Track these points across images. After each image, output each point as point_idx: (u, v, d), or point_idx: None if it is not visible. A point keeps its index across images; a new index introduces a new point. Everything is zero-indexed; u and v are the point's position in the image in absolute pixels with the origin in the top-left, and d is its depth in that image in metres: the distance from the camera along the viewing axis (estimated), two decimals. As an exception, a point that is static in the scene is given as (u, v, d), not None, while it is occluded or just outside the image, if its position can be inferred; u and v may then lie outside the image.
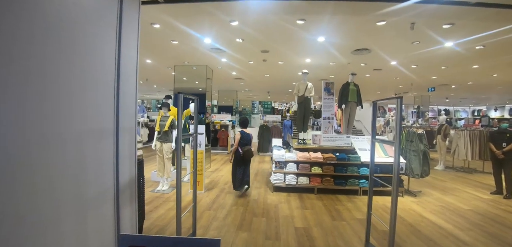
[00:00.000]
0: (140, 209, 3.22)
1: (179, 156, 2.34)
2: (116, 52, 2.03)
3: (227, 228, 3.72)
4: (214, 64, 7.30)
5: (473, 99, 13.95)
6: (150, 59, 6.93)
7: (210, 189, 5.61)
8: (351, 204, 4.83)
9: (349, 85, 6.32)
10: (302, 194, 5.31)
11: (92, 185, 1.84)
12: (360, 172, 5.29)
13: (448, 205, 4.97)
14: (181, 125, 5.94)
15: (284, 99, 19.59)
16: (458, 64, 6.48)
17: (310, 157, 5.39)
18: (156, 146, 5.59)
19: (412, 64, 6.64)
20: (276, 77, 9.06)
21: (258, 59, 6.55)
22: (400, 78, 8.52)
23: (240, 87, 12.47)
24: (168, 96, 6.69)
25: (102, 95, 1.91)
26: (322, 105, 6.40)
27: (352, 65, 6.74)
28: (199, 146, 5.35)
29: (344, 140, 5.79)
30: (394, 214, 2.08)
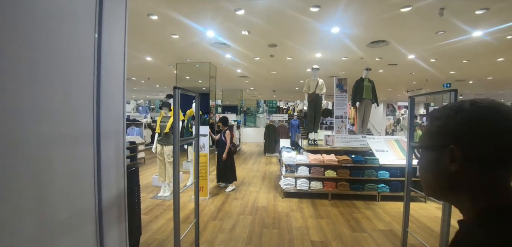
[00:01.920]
0: (135, 224, 2.82)
1: (176, 166, 1.92)
2: (95, 43, 1.61)
3: (235, 243, 3.30)
4: (217, 61, 6.89)
5: (488, 96, 13.28)
6: (151, 56, 6.55)
7: (215, 195, 5.20)
8: (370, 212, 4.36)
9: (364, 81, 5.86)
10: (315, 200, 4.86)
11: (63, 205, 1.43)
12: (379, 176, 4.82)
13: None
14: (179, 126, 5.56)
15: (290, 98, 19.12)
16: (482, 57, 5.94)
17: (323, 159, 4.93)
18: (157, 149, 5.20)
19: (431, 58, 6.12)
20: (283, 74, 8.60)
21: (265, 55, 6.10)
22: (415, 74, 7.99)
23: (245, 86, 12.03)
24: (169, 95, 6.30)
25: (75, 92, 1.49)
26: (335, 103, 5.94)
27: (366, 60, 6.25)
28: (203, 149, 4.94)
29: (359, 141, 5.33)
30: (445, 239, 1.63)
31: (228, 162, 5.38)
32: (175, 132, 1.82)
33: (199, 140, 4.91)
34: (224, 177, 5.48)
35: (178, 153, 1.95)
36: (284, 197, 5.01)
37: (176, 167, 1.93)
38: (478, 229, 0.46)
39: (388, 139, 5.55)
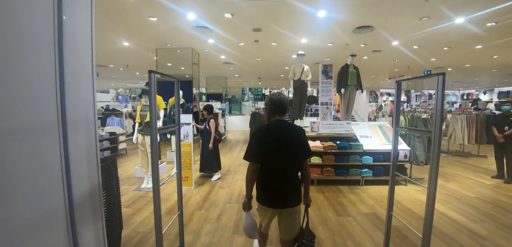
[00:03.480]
0: (116, 219, 2.67)
1: (155, 155, 1.79)
2: (54, 22, 1.41)
3: (221, 232, 3.24)
4: (200, 47, 6.62)
5: (464, 83, 13.94)
6: (128, 41, 6.16)
7: (201, 185, 5.09)
8: (355, 196, 4.46)
9: (349, 67, 5.87)
10: (301, 187, 4.89)
11: (26, 205, 1.27)
12: (363, 161, 4.91)
13: (454, 193, 4.70)
14: (161, 115, 5.34)
15: (276, 85, 19.06)
16: (462, 44, 6.13)
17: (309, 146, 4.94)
18: (138, 139, 4.97)
19: (414, 45, 6.22)
20: (268, 61, 8.46)
21: (250, 40, 5.93)
22: (398, 61, 8.15)
23: (230, 73, 11.79)
24: (149, 82, 6.01)
25: (33, 79, 1.31)
26: (320, 90, 5.93)
27: (351, 46, 6.26)
28: (186, 137, 4.77)
29: (344, 127, 5.38)
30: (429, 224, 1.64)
31: (213, 150, 5.26)
32: (152, 119, 1.68)
33: (183, 129, 4.74)
34: (209, 166, 5.37)
35: (156, 142, 1.82)
36: (270, 184, 4.99)
37: (154, 158, 1.79)
38: (264, 126, 2.04)
39: (372, 125, 5.65)
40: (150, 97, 1.65)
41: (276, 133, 1.92)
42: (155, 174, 1.73)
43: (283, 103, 2.01)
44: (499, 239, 3.11)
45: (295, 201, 1.98)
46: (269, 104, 2.03)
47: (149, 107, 1.63)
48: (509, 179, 5.29)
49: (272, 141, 1.91)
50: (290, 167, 1.95)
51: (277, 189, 1.95)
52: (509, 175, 5.32)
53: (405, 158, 4.94)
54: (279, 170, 1.93)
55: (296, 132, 1.99)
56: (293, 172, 1.97)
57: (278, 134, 1.92)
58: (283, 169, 1.93)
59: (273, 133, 1.93)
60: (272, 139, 1.92)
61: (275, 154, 1.90)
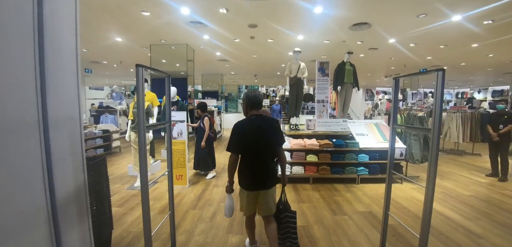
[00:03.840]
0: (105, 219, 2.59)
1: (142, 154, 1.71)
2: (33, 12, 1.33)
3: (215, 231, 3.18)
4: (195, 43, 6.52)
5: (459, 82, 14.03)
6: (120, 36, 6.03)
7: (195, 183, 5.02)
8: (350, 195, 4.43)
9: (345, 65, 5.83)
10: (296, 185, 4.85)
11: (3, 208, 1.19)
12: (359, 159, 4.89)
13: (449, 191, 4.71)
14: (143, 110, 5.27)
15: (272, 83, 19.00)
16: (458, 42, 6.13)
17: (305, 144, 4.90)
18: (130, 137, 4.88)
19: (411, 43, 6.21)
20: (264, 58, 8.39)
21: (245, 36, 5.85)
22: (395, 59, 8.15)
23: (225, 70, 11.68)
24: (144, 79, 5.90)
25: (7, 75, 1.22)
26: (316, 87, 5.88)
27: (348, 44, 6.21)
28: (180, 135, 4.69)
29: (340, 125, 5.35)
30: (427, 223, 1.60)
31: (207, 149, 5.19)
32: (139, 114, 1.60)
33: (177, 126, 4.65)
34: (204, 164, 5.29)
35: (145, 138, 1.74)
36: (266, 182, 4.95)
37: (142, 156, 1.72)
38: (243, 120, 2.34)
39: (368, 123, 5.63)
40: (137, 92, 1.58)
41: (253, 126, 2.22)
42: (143, 171, 1.66)
43: (257, 98, 2.30)
44: (494, 237, 3.11)
45: (270, 184, 2.30)
46: (246, 100, 2.32)
47: (137, 102, 1.56)
48: (503, 177, 5.32)
49: (250, 133, 2.21)
50: (266, 155, 2.28)
51: (255, 175, 2.26)
52: (503, 173, 5.35)
53: (401, 156, 4.93)
54: (256, 158, 2.24)
55: (271, 124, 2.32)
56: (269, 159, 2.31)
57: (255, 127, 2.22)
58: (260, 157, 2.24)
59: (251, 126, 2.23)
60: (250, 132, 2.22)
61: (253, 145, 2.21)
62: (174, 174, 4.82)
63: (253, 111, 2.30)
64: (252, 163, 2.24)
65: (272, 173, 2.31)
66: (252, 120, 2.25)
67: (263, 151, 2.24)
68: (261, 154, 2.24)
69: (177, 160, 4.78)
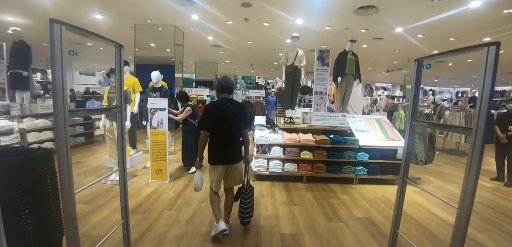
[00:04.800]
0: (50, 225, 2.11)
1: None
2: None
3: (190, 238, 2.73)
4: (184, 24, 5.96)
5: (461, 80, 13.64)
6: (101, 13, 5.44)
7: (177, 178, 4.55)
8: (347, 197, 4.00)
9: (347, 54, 5.33)
10: (288, 184, 4.41)
11: None
12: (357, 158, 4.45)
13: (453, 196, 4.31)
14: (137, 99, 4.75)
15: (269, 74, 18.43)
16: (469, 36, 5.66)
17: (299, 139, 4.44)
18: (105, 125, 4.37)
19: (419, 33, 5.72)
20: (260, 45, 7.85)
21: (239, 17, 5.31)
22: (399, 52, 7.67)
23: (220, 58, 11.11)
24: (125, 62, 5.36)
25: None
26: (315, 77, 5.39)
27: (351, 31, 5.70)
28: (160, 125, 4.19)
29: (338, 120, 4.89)
30: None
31: (192, 141, 4.71)
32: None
33: (157, 115, 4.16)
34: (189, 157, 4.82)
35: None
36: (254, 180, 4.50)
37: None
38: (214, 101, 2.69)
39: (369, 118, 5.18)
40: (52, 59, 1.07)
41: (223, 108, 2.49)
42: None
43: (228, 83, 2.57)
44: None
45: (237, 159, 2.64)
46: (218, 85, 2.61)
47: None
48: (510, 182, 4.94)
49: (220, 114, 2.47)
50: (234, 134, 2.56)
51: (224, 150, 2.55)
52: (509, 178, 4.97)
53: (403, 156, 4.50)
54: (225, 136, 2.52)
55: (239, 107, 2.61)
56: (236, 138, 2.59)
57: (225, 109, 2.48)
58: (228, 135, 2.53)
59: (221, 107, 2.49)
60: (220, 112, 2.48)
61: (222, 124, 2.49)
62: (153, 167, 4.35)
63: (224, 95, 2.59)
64: (222, 141, 2.53)
65: (238, 150, 2.65)
66: (222, 102, 2.51)
67: (231, 131, 2.53)
68: (230, 133, 2.53)
69: (157, 152, 4.30)
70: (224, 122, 2.47)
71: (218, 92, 2.63)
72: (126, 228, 1.79)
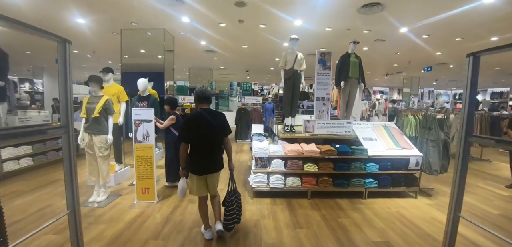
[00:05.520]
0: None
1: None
2: None
3: (177, 278, 2.25)
4: (174, 28, 5.53)
5: (459, 82, 13.45)
6: (83, 16, 4.99)
7: (166, 198, 4.06)
8: (358, 215, 3.56)
9: (350, 56, 4.96)
10: (291, 201, 3.96)
11: None
12: (367, 170, 4.04)
13: (472, 208, 3.92)
14: (123, 109, 4.28)
15: (265, 80, 18.08)
16: (476, 35, 5.38)
17: (302, 150, 4.01)
18: (84, 140, 3.88)
19: (424, 34, 5.40)
20: (256, 49, 7.47)
21: (233, 19, 4.91)
22: (401, 54, 7.36)
23: (214, 64, 10.69)
24: (107, 69, 4.89)
25: None
26: (316, 82, 5.00)
27: (353, 32, 5.35)
28: (146, 138, 3.72)
29: (343, 127, 4.48)
30: None
31: (173, 152, 4.24)
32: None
33: (142, 127, 3.69)
34: (172, 173, 4.35)
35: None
36: (253, 197, 4.04)
37: None
38: (192, 113, 2.72)
39: (376, 125, 4.79)
40: None
41: (202, 119, 2.49)
42: None
43: (205, 94, 2.60)
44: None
45: (217, 168, 2.68)
46: (195, 95, 2.62)
47: None
48: (527, 189, 4.59)
49: (198, 125, 2.48)
50: (213, 145, 2.59)
51: (203, 161, 2.56)
52: (526, 184, 4.62)
53: (416, 166, 4.11)
54: (204, 147, 2.53)
55: (218, 116, 2.63)
56: (216, 148, 2.62)
57: (203, 119, 2.49)
58: (207, 146, 2.54)
59: (199, 119, 2.49)
60: (198, 123, 2.48)
61: (202, 135, 2.49)
62: (139, 186, 3.86)
63: (202, 105, 2.62)
64: (201, 151, 2.55)
65: (218, 160, 2.70)
66: (201, 114, 2.53)
67: (210, 141, 2.57)
68: (209, 143, 2.56)
69: (143, 169, 3.82)
70: (202, 133, 2.50)
71: (196, 103, 2.65)
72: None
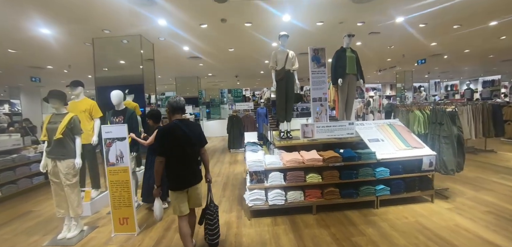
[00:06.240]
0: None
1: None
2: None
3: None
4: (152, 33, 5.02)
5: (450, 73, 13.38)
6: (47, 26, 4.41)
7: (149, 227, 3.48)
8: (374, 230, 3.07)
9: (346, 51, 4.54)
10: (294, 218, 3.45)
11: None
12: (376, 175, 3.58)
13: (496, 209, 3.50)
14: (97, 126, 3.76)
15: (256, 85, 17.65)
16: (475, 20, 5.09)
17: (303, 159, 3.52)
18: (47, 167, 3.28)
19: (421, 23, 5.07)
20: (243, 51, 7.00)
21: (214, 18, 4.43)
22: (394, 47, 7.05)
23: (201, 71, 10.17)
24: (76, 82, 4.31)
25: None
26: (311, 81, 4.55)
27: (346, 26, 4.96)
28: (120, 160, 3.15)
29: (345, 129, 4.03)
30: None
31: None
32: None
33: (114, 147, 3.14)
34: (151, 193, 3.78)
35: None
36: (251, 217, 3.51)
37: None
38: (166, 125, 2.52)
39: (380, 124, 4.36)
40: None
41: (176, 130, 2.41)
42: None
43: (178, 104, 2.53)
44: None
45: (196, 180, 2.55)
46: (169, 106, 2.54)
47: None
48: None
49: (173, 137, 2.39)
50: (190, 157, 2.50)
51: (182, 175, 2.46)
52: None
53: (430, 166, 3.68)
54: (180, 159, 2.43)
55: (193, 127, 2.57)
56: (193, 159, 2.54)
57: (178, 131, 2.41)
58: (183, 158, 2.45)
59: (174, 130, 2.41)
60: (173, 135, 2.40)
61: (177, 147, 2.40)
62: (116, 216, 3.28)
63: (176, 116, 2.51)
64: (178, 164, 2.41)
65: (197, 172, 2.57)
66: (175, 125, 2.42)
67: (186, 153, 2.43)
68: (185, 155, 2.43)
69: (118, 196, 3.24)
70: (177, 145, 2.39)
71: (169, 114, 2.54)
72: None
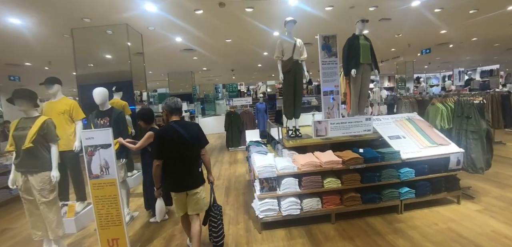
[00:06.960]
0: None
1: None
2: None
3: None
4: (139, 22, 4.45)
5: (452, 64, 13.15)
6: (17, 16, 3.79)
7: (147, 244, 2.99)
8: (404, 240, 2.68)
9: (359, 38, 4.10)
10: (311, 228, 3.03)
11: None
12: (401, 177, 3.18)
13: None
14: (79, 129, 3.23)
15: (252, 80, 17.11)
16: (493, 4, 4.71)
17: (320, 162, 3.08)
18: (17, 182, 2.74)
19: (437, 8, 4.67)
20: (242, 42, 6.47)
21: (211, 2, 3.90)
22: (402, 36, 6.65)
23: (195, 65, 9.57)
24: (51, 79, 3.75)
25: None
26: (321, 73, 4.10)
27: (357, 10, 4.51)
28: (106, 171, 2.63)
29: (362, 125, 3.59)
30: None
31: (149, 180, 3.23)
32: None
33: (98, 156, 2.62)
34: (152, 198, 3.29)
35: None
36: (262, 229, 3.06)
37: None
38: (163, 127, 2.45)
39: (398, 118, 3.96)
40: None
41: (174, 133, 2.30)
42: None
43: (176, 105, 2.43)
44: None
45: (196, 184, 2.41)
46: (166, 108, 2.43)
47: None
48: None
49: (171, 139, 2.29)
50: (188, 159, 2.36)
51: (181, 178, 2.35)
52: None
53: (458, 165, 3.30)
54: (177, 162, 2.33)
55: (191, 128, 2.41)
56: (192, 162, 2.39)
57: (176, 133, 2.30)
58: (181, 160, 2.33)
59: (171, 133, 2.31)
60: (170, 138, 2.29)
61: (175, 150, 2.30)
62: (103, 238, 2.77)
63: (174, 117, 2.41)
64: (176, 167, 2.32)
65: (197, 174, 2.43)
66: (171, 127, 2.32)
67: (185, 155, 2.33)
68: (183, 158, 2.33)
69: (105, 213, 2.74)
70: (174, 147, 2.28)
71: (166, 116, 2.46)
72: None
